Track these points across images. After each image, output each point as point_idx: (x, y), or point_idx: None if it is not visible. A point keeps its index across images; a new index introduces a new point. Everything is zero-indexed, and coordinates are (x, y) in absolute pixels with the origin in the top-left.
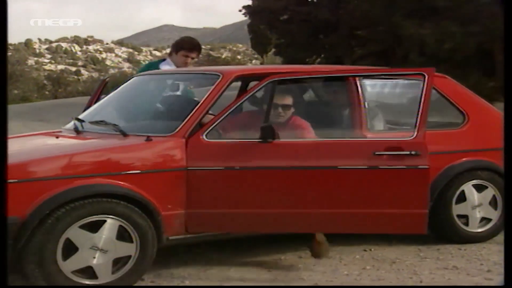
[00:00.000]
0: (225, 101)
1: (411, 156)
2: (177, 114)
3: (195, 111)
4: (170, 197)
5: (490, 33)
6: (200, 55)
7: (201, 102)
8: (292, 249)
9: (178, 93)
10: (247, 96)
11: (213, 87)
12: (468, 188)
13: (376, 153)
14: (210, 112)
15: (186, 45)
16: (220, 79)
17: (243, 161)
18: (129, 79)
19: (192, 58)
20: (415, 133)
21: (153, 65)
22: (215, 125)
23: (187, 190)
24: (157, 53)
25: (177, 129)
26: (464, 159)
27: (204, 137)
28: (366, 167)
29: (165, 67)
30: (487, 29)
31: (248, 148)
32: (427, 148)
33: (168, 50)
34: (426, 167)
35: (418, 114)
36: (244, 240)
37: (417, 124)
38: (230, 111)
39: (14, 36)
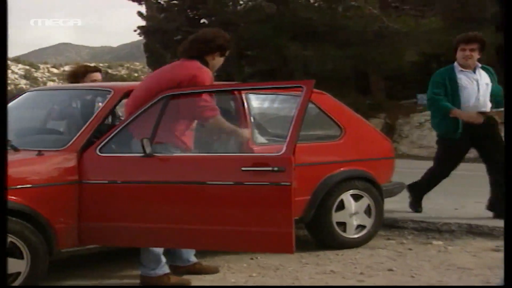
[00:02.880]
0: None
1: (274, 172)
2: (69, 128)
3: (87, 125)
4: (62, 210)
5: (363, 57)
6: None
7: (93, 117)
8: None
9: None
10: (140, 111)
11: (105, 102)
12: (346, 197)
13: (243, 168)
14: None
15: (461, 38)
16: (111, 95)
17: (128, 175)
18: (21, 94)
19: (471, 50)
20: (284, 148)
21: (448, 71)
22: (108, 140)
23: (79, 203)
24: (55, 70)
25: (69, 144)
26: (341, 169)
27: (97, 151)
28: (232, 183)
29: (458, 69)
30: (360, 53)
31: (135, 163)
32: (292, 164)
33: (66, 68)
34: (289, 183)
35: (289, 127)
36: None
37: (287, 139)
38: (123, 126)
39: None
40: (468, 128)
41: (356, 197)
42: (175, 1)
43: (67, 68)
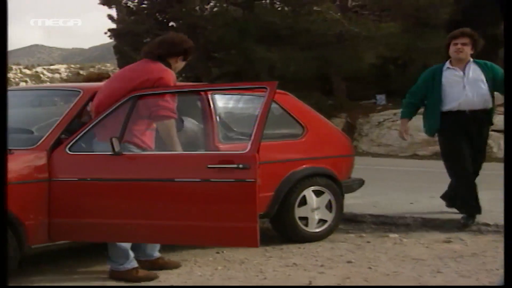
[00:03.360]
0: None
1: (239, 170)
2: (39, 128)
3: (57, 125)
4: (33, 207)
5: (325, 59)
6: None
7: (63, 116)
8: None
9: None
10: (109, 111)
11: (74, 102)
12: (308, 193)
13: (209, 166)
14: None
15: (453, 33)
16: (81, 95)
17: (97, 173)
18: None
19: (463, 44)
20: (249, 146)
21: (436, 69)
22: (78, 139)
23: (49, 200)
24: (27, 71)
25: (39, 143)
26: (304, 166)
27: (67, 150)
28: (199, 180)
29: (445, 67)
30: (322, 55)
31: (104, 161)
32: (256, 161)
33: (38, 69)
34: (253, 180)
35: (254, 127)
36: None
37: (252, 137)
38: (92, 125)
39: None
40: (457, 122)
41: (318, 193)
42: (144, 5)
43: (39, 69)
